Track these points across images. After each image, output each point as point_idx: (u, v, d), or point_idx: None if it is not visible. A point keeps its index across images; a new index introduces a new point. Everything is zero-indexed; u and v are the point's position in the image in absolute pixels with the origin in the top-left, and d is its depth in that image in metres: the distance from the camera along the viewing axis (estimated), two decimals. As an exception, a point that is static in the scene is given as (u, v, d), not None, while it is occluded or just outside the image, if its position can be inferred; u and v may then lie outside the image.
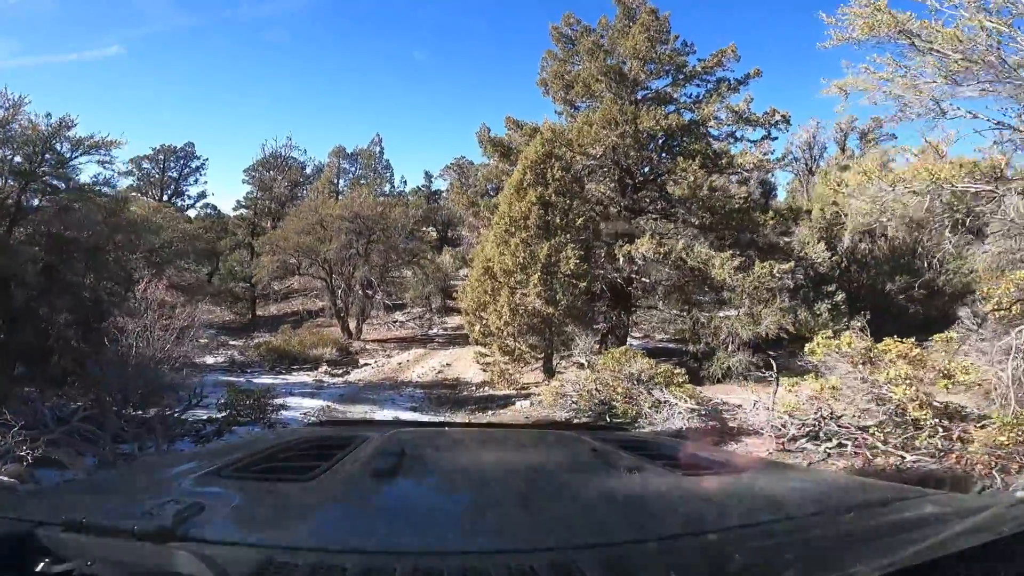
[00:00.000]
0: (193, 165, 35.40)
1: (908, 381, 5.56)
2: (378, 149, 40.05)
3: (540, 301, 10.80)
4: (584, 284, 10.94)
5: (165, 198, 33.88)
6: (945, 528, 0.84)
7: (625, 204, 14.75)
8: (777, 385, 7.33)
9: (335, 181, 35.74)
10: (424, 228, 26.14)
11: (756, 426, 6.96)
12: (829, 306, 13.97)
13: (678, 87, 14.80)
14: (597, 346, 12.69)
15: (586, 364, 8.96)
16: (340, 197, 27.84)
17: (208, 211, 36.70)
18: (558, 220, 11.32)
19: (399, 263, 20.78)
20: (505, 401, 10.53)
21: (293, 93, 62.58)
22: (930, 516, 0.92)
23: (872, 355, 6.03)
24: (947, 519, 0.89)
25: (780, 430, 6.45)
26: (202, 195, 35.58)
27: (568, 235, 11.29)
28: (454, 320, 23.86)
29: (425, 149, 72.95)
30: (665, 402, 7.47)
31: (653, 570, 0.71)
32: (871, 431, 5.89)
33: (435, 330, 22.02)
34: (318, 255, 19.10)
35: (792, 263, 12.74)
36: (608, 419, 7.58)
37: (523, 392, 11.27)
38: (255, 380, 12.58)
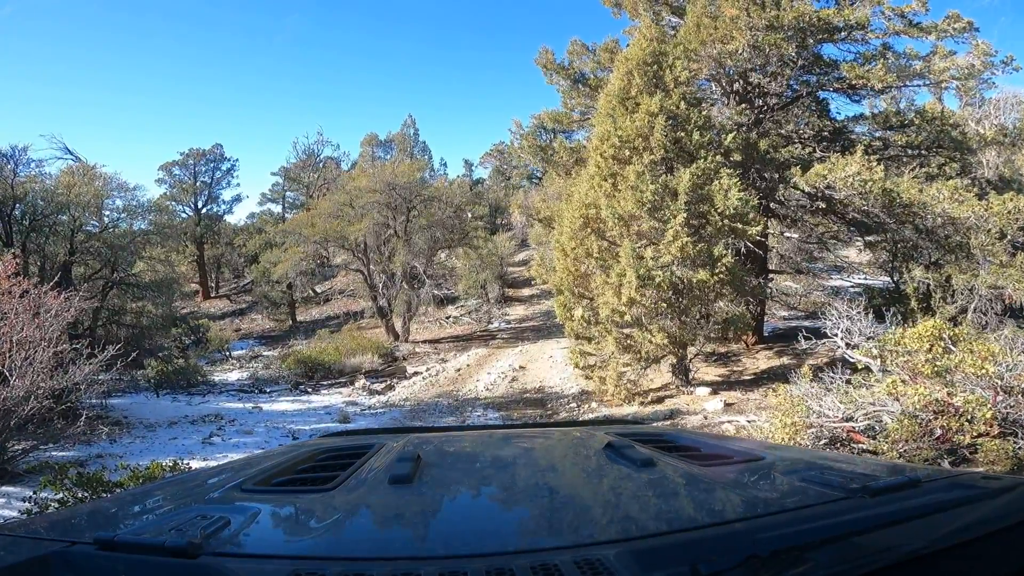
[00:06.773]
0: (224, 168, 33.70)
1: None
2: (412, 131, 37.07)
3: (683, 263, 6.59)
4: (757, 230, 6.58)
5: (200, 204, 32.34)
6: (976, 509, 0.80)
7: (755, 133, 10.24)
8: None
9: (369, 171, 32.88)
10: (470, 210, 22.35)
11: None
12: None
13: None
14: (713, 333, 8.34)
15: (877, 357, 4.59)
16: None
17: (251, 220, 34.83)
18: (697, 137, 7.04)
19: (446, 245, 16.91)
20: (640, 430, 6.44)
21: (322, 85, 60.74)
22: (961, 497, 0.85)
23: None
24: (978, 499, 0.84)
25: None
26: (237, 199, 34.07)
27: (718, 157, 6.99)
28: (517, 311, 19.95)
29: (461, 143, 69.87)
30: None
31: (680, 562, 0.63)
32: None
33: (496, 324, 18.11)
34: (347, 239, 15.49)
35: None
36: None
37: (661, 410, 7.11)
38: (266, 406, 9.05)
